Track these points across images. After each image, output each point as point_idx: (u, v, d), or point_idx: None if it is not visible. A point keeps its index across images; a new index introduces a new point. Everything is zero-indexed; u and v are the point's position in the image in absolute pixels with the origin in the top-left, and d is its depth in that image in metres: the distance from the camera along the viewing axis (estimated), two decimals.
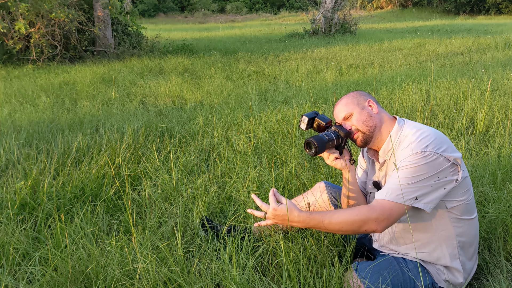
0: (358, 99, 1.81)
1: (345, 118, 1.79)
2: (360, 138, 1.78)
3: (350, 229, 1.61)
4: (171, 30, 20.13)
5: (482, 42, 10.65)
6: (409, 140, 1.65)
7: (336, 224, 1.59)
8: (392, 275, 1.63)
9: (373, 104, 1.80)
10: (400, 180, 1.58)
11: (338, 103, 1.84)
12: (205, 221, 2.20)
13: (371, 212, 1.57)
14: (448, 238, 1.70)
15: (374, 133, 1.77)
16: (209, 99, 5.41)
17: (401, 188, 1.57)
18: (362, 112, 1.77)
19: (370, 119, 1.76)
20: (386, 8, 33.19)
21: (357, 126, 1.76)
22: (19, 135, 3.87)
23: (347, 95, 1.85)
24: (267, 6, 40.26)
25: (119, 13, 10.52)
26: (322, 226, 1.61)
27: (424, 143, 1.60)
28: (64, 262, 1.91)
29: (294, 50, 10.86)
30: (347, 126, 1.79)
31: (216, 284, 1.85)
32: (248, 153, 3.21)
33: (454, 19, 24.38)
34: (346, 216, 1.59)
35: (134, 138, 3.64)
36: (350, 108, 1.78)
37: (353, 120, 1.77)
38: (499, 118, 3.74)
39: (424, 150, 1.58)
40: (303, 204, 2.07)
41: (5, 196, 2.59)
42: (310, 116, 1.86)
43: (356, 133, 1.78)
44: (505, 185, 2.52)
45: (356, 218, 1.57)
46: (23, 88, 6.32)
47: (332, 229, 1.62)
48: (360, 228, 1.59)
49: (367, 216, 1.57)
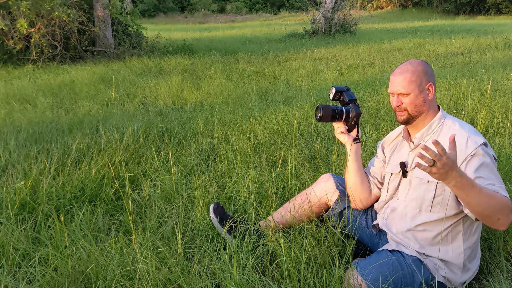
0: (422, 79, 1.74)
1: (400, 93, 1.75)
2: (404, 118, 1.77)
3: (491, 214, 1.51)
4: (171, 30, 20.13)
5: (482, 42, 10.64)
6: (462, 130, 1.69)
7: (487, 201, 1.49)
8: (392, 271, 1.64)
9: (432, 89, 1.76)
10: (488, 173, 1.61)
11: (402, 73, 1.75)
12: (212, 216, 2.18)
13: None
14: (457, 237, 1.73)
15: (419, 117, 1.77)
16: (209, 99, 5.41)
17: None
18: (419, 96, 1.74)
19: (422, 105, 1.75)
20: (386, 8, 33.19)
21: (408, 107, 1.75)
22: (19, 135, 3.87)
23: (413, 66, 1.75)
24: (267, 6, 40.26)
25: (119, 13, 10.52)
26: (475, 194, 1.48)
27: (480, 136, 1.68)
28: (64, 262, 1.91)
29: (294, 50, 10.85)
30: (397, 101, 1.76)
31: (216, 284, 1.85)
32: (248, 153, 3.21)
33: (454, 19, 24.38)
34: (499, 199, 1.51)
35: (134, 138, 3.64)
36: (410, 88, 1.73)
37: (407, 100, 1.74)
38: (499, 119, 3.74)
39: (485, 142, 1.65)
40: (311, 194, 2.14)
41: (5, 196, 2.59)
42: (339, 90, 1.99)
43: (402, 112, 1.76)
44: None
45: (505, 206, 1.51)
46: (23, 88, 6.32)
47: (480, 203, 1.50)
48: (499, 215, 1.52)
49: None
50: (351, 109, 1.96)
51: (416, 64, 1.76)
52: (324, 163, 3.00)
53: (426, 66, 1.77)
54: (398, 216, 1.83)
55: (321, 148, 3.25)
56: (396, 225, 1.83)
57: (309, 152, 3.26)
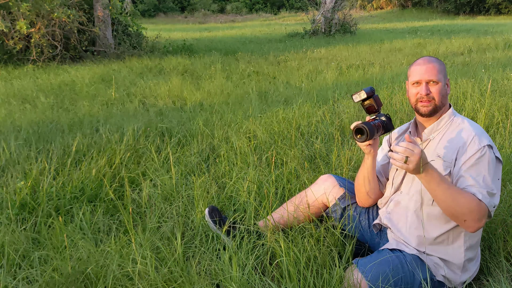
0: (445, 72, 1.79)
1: (430, 81, 1.75)
2: (430, 108, 1.76)
3: (457, 214, 1.60)
4: (171, 30, 20.12)
5: (482, 42, 10.64)
6: (470, 129, 1.71)
7: (453, 199, 1.58)
8: (393, 269, 1.64)
9: (449, 85, 1.81)
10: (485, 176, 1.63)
11: (430, 62, 1.76)
12: (209, 215, 2.19)
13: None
14: (458, 238, 1.73)
15: (440, 110, 1.78)
16: (209, 99, 5.41)
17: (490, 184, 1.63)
18: (444, 88, 1.77)
19: (445, 98, 1.78)
20: (386, 8, 33.18)
21: (436, 96, 1.74)
22: (19, 135, 3.87)
23: (436, 60, 1.78)
24: (267, 6, 40.24)
25: (120, 13, 10.52)
26: (442, 191, 1.58)
27: (487, 137, 1.69)
28: (63, 262, 1.91)
29: (294, 50, 10.85)
30: (427, 89, 1.74)
31: (216, 285, 1.85)
32: (248, 153, 3.21)
33: (454, 19, 24.38)
34: (468, 201, 1.58)
35: (134, 138, 3.64)
36: (440, 77, 1.75)
37: (435, 89, 1.74)
38: (499, 118, 3.74)
39: (490, 144, 1.66)
40: (310, 194, 2.12)
41: (5, 196, 2.59)
42: (368, 93, 1.78)
43: (429, 102, 1.75)
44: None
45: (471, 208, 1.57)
46: (23, 88, 6.32)
47: (445, 201, 1.59)
48: (460, 217, 1.61)
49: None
50: (386, 122, 1.78)
51: (436, 59, 1.80)
52: (324, 163, 3.00)
53: (444, 65, 1.82)
54: (401, 210, 1.84)
55: (321, 148, 3.25)
56: (399, 220, 1.83)
57: (309, 152, 3.26)
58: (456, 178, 1.68)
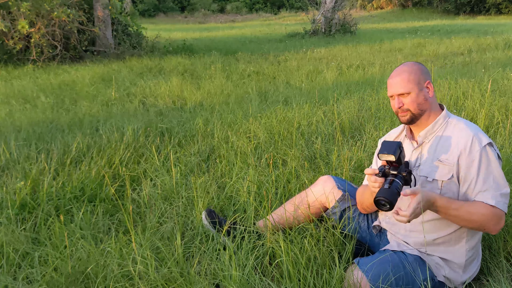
0: (420, 77, 1.75)
1: (401, 94, 1.74)
2: (407, 117, 1.76)
3: (475, 226, 1.65)
4: (171, 30, 20.12)
5: (482, 42, 10.64)
6: (467, 129, 1.70)
7: (469, 216, 1.61)
8: (393, 268, 1.64)
9: (431, 87, 1.77)
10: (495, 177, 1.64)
11: (399, 75, 1.75)
12: (212, 214, 2.19)
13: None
14: (460, 237, 1.73)
15: (422, 116, 1.76)
16: (209, 99, 5.41)
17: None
18: (420, 94, 1.74)
19: (424, 103, 1.75)
20: (386, 8, 33.17)
21: (410, 106, 1.74)
22: (19, 135, 3.87)
23: (409, 67, 1.76)
24: (267, 6, 40.23)
25: (119, 13, 10.52)
26: (453, 214, 1.61)
27: (485, 136, 1.69)
28: (63, 262, 1.91)
29: (294, 50, 10.85)
30: (399, 102, 1.74)
31: (216, 285, 1.85)
32: (248, 153, 3.21)
33: (454, 19, 24.37)
34: (482, 213, 1.61)
35: (134, 138, 3.64)
36: (409, 87, 1.73)
37: (407, 100, 1.73)
38: (499, 119, 3.74)
39: (490, 142, 1.67)
40: (309, 195, 2.11)
41: (5, 196, 2.59)
42: (396, 156, 1.59)
43: (405, 112, 1.75)
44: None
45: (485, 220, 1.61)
46: (23, 88, 6.32)
47: (460, 221, 1.64)
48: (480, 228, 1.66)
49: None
50: (406, 177, 1.62)
51: (411, 64, 1.77)
52: (324, 163, 3.00)
53: (421, 66, 1.78)
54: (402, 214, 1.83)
55: (321, 148, 3.25)
56: (399, 225, 1.83)
57: (309, 152, 3.26)
58: (467, 185, 1.67)
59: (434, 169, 1.71)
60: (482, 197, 1.62)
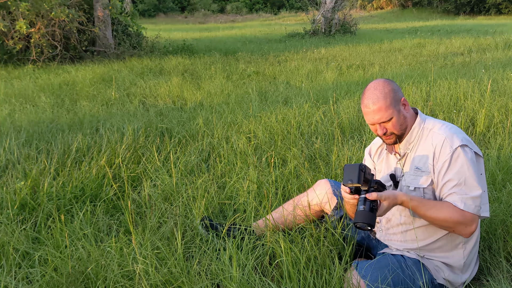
0: (394, 98, 1.69)
1: (384, 122, 1.71)
2: (393, 140, 1.76)
3: (444, 226, 1.66)
4: (171, 30, 20.12)
5: (482, 42, 10.64)
6: (439, 133, 1.69)
7: (437, 215, 1.63)
8: (392, 272, 1.64)
9: (406, 102, 1.75)
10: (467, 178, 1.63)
11: (375, 103, 1.67)
12: (205, 221, 2.20)
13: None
14: (457, 239, 1.73)
15: (405, 132, 1.76)
16: (209, 99, 5.41)
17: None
18: (399, 115, 1.71)
19: (404, 122, 1.74)
20: (386, 8, 33.17)
21: (394, 130, 1.72)
22: (19, 135, 3.87)
23: (381, 91, 1.68)
24: (267, 6, 40.23)
25: (119, 13, 10.52)
26: (427, 211, 1.63)
27: (459, 137, 1.67)
28: (64, 262, 1.91)
29: (294, 50, 10.85)
30: (382, 129, 1.71)
31: (216, 285, 1.85)
32: (248, 153, 3.21)
33: (454, 19, 24.37)
34: (450, 214, 1.61)
35: (134, 138, 3.64)
36: (389, 114, 1.68)
37: (390, 125, 1.71)
38: (499, 119, 3.74)
39: (464, 144, 1.65)
40: (306, 200, 2.11)
41: (5, 196, 2.59)
42: (360, 181, 1.59)
43: (390, 136, 1.74)
44: (505, 185, 2.52)
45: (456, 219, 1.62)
46: (23, 88, 6.32)
47: (431, 219, 1.65)
48: (451, 229, 1.66)
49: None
50: (379, 185, 1.66)
51: (382, 87, 1.69)
52: (324, 163, 3.00)
53: (391, 84, 1.72)
54: (394, 226, 1.84)
55: (321, 148, 3.25)
56: (394, 234, 1.83)
57: (309, 152, 3.26)
58: (439, 188, 1.68)
59: (415, 178, 1.73)
60: (451, 199, 1.62)
